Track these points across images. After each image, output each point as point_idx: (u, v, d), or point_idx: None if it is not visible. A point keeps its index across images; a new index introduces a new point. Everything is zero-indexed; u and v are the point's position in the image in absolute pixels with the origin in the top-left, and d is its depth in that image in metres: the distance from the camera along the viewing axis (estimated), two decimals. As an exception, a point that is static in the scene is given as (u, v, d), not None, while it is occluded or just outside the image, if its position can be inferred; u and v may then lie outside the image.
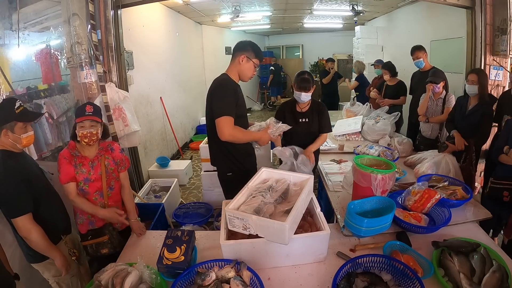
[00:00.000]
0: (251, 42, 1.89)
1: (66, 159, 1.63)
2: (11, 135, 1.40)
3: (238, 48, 1.88)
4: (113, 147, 1.79)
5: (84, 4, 2.55)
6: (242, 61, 1.84)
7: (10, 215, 1.40)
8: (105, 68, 2.79)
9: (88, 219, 1.75)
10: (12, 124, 1.39)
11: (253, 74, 1.92)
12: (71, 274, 1.62)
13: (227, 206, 1.33)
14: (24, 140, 1.44)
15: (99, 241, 1.66)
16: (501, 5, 2.90)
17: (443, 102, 2.80)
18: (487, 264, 1.27)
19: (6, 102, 1.47)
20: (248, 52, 1.84)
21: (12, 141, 1.41)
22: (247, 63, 1.86)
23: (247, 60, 1.85)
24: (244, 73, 1.89)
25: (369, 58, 5.78)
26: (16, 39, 1.98)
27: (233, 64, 1.89)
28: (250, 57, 1.85)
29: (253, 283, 1.21)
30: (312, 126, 2.37)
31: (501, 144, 1.99)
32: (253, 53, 1.85)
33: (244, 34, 9.10)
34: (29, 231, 1.41)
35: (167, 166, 4.16)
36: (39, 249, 1.47)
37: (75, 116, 1.64)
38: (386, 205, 1.55)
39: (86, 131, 1.60)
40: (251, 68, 1.88)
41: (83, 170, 1.66)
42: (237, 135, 1.78)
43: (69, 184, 1.63)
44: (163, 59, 4.87)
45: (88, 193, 1.69)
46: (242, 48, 1.86)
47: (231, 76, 1.88)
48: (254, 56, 1.86)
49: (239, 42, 1.92)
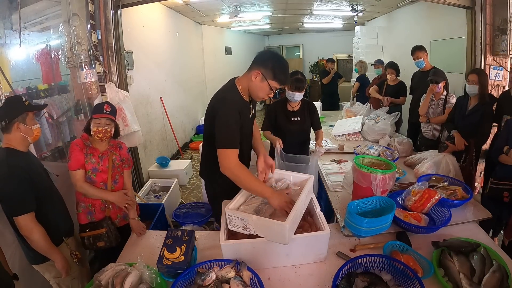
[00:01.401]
0: (276, 57, 1.48)
1: (78, 146, 1.73)
2: (22, 127, 1.45)
3: (257, 60, 1.49)
4: (122, 145, 1.91)
5: (84, 4, 2.55)
6: (255, 78, 1.47)
7: (12, 213, 1.40)
8: (105, 68, 2.79)
9: (88, 208, 1.79)
10: (24, 115, 1.45)
11: (267, 96, 1.53)
12: (71, 276, 1.63)
13: (227, 206, 1.33)
14: (35, 132, 1.51)
15: (96, 233, 1.73)
16: (501, 5, 2.90)
17: (444, 102, 2.80)
18: (487, 264, 1.27)
19: (13, 98, 1.56)
20: (265, 70, 1.45)
21: (23, 134, 1.46)
22: (261, 82, 1.47)
23: (261, 79, 1.46)
24: (254, 92, 1.53)
25: (369, 58, 5.77)
26: (17, 39, 1.98)
27: (247, 76, 1.52)
28: (266, 76, 1.45)
29: (253, 283, 1.21)
30: (304, 124, 2.48)
31: (501, 144, 1.99)
32: (271, 72, 1.45)
33: (244, 34, 9.10)
34: (31, 230, 1.41)
35: (167, 166, 4.17)
36: (40, 249, 1.47)
37: (93, 112, 1.76)
38: (386, 205, 1.55)
39: (101, 127, 1.72)
40: (265, 89, 1.49)
41: (92, 160, 1.76)
42: (239, 175, 1.42)
43: (78, 171, 1.72)
44: (163, 59, 4.87)
45: (94, 181, 1.77)
46: (261, 62, 1.47)
47: (240, 89, 1.54)
48: (272, 77, 1.45)
49: (263, 52, 1.59)
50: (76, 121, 2.50)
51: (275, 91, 1.53)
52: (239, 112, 1.48)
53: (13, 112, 1.44)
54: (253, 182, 1.42)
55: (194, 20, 6.32)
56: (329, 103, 5.68)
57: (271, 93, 1.52)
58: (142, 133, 3.04)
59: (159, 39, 4.75)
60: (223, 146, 1.43)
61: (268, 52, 1.54)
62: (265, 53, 1.55)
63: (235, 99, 1.52)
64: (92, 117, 1.74)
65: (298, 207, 1.31)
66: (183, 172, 4.11)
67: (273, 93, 1.53)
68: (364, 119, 3.40)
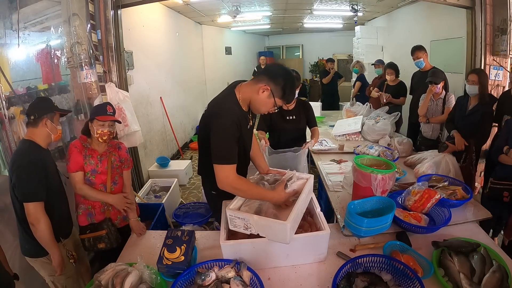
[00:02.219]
0: (289, 76, 1.39)
1: (77, 148, 1.72)
2: (49, 124, 1.55)
3: (268, 74, 1.39)
4: (120, 146, 1.90)
5: (84, 4, 2.55)
6: (262, 92, 1.38)
7: (24, 199, 1.44)
8: (105, 68, 2.79)
9: (87, 210, 1.78)
10: (53, 114, 1.57)
11: (269, 111, 1.48)
12: (66, 275, 1.63)
13: (228, 206, 1.33)
14: (58, 131, 1.61)
15: (97, 235, 1.73)
16: (501, 5, 2.90)
17: (443, 102, 2.81)
18: (487, 264, 1.27)
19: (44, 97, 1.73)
20: (275, 87, 1.37)
21: (49, 130, 1.55)
22: (268, 98, 1.39)
23: (269, 95, 1.38)
24: (256, 106, 1.45)
25: (369, 58, 5.78)
26: (16, 39, 1.98)
27: (252, 87, 1.41)
28: (275, 94, 1.38)
29: (253, 283, 1.21)
30: (300, 122, 2.49)
31: (501, 144, 1.99)
32: (281, 91, 1.38)
33: (244, 34, 9.10)
34: (39, 219, 1.44)
35: (167, 166, 4.16)
36: (42, 240, 1.48)
37: (96, 114, 1.72)
38: (386, 205, 1.55)
39: (106, 129, 1.72)
40: (269, 105, 1.42)
41: (91, 161, 1.74)
42: (240, 189, 1.37)
43: (77, 173, 1.71)
44: (163, 59, 4.87)
45: (94, 183, 1.76)
46: (273, 77, 1.38)
47: (240, 98, 1.44)
48: (281, 96, 1.39)
49: (277, 67, 1.44)
50: (76, 121, 2.50)
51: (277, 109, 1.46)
52: (237, 124, 1.38)
53: (44, 109, 1.55)
54: (254, 191, 1.40)
55: (194, 20, 6.32)
56: (329, 103, 5.67)
57: (274, 110, 1.46)
58: (142, 133, 3.03)
59: (159, 39, 4.75)
60: (220, 162, 1.34)
61: (281, 69, 1.42)
62: (278, 69, 1.42)
63: (234, 110, 1.40)
64: (96, 118, 1.70)
65: (299, 207, 1.31)
66: (183, 172, 4.11)
67: (275, 110, 1.46)
68: (364, 119, 3.40)
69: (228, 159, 1.35)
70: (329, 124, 3.95)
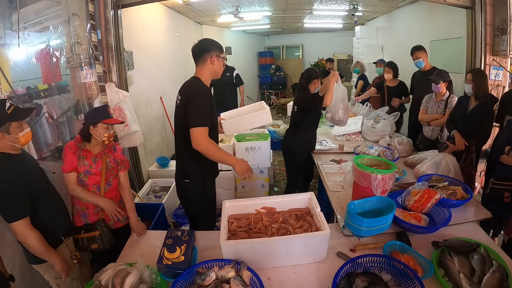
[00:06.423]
0: (212, 40, 1.84)
1: (71, 149, 1.72)
2: (8, 137, 1.37)
3: (204, 50, 1.79)
4: (116, 147, 1.88)
5: (84, 4, 2.55)
6: (214, 61, 1.79)
7: (7, 220, 1.38)
8: (105, 68, 2.79)
9: (82, 211, 1.78)
10: (7, 125, 1.36)
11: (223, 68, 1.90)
12: (71, 277, 1.62)
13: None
14: (22, 139, 1.41)
15: (90, 236, 1.72)
16: (501, 5, 2.90)
17: (445, 104, 2.79)
18: (487, 264, 1.27)
19: None
20: (215, 51, 1.79)
21: (10, 142, 1.38)
22: (218, 61, 1.81)
23: (217, 58, 1.80)
24: (217, 72, 1.85)
25: (369, 58, 5.78)
26: (16, 39, 1.98)
27: (204, 66, 1.80)
28: (219, 54, 1.81)
29: (253, 283, 1.21)
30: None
31: (503, 145, 1.98)
32: (218, 50, 1.81)
33: (244, 34, 9.10)
34: (26, 236, 1.39)
35: (167, 166, 4.15)
36: (37, 254, 1.46)
37: (102, 118, 1.69)
38: (386, 205, 1.54)
39: (112, 131, 1.75)
40: (221, 64, 1.85)
41: (85, 162, 1.74)
42: (211, 149, 1.70)
43: (70, 173, 1.70)
44: (163, 59, 4.86)
45: (86, 184, 1.75)
46: (208, 48, 1.79)
47: (204, 81, 1.81)
48: (221, 52, 1.82)
49: (200, 43, 1.83)
50: (76, 121, 2.50)
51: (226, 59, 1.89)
52: (209, 99, 1.75)
53: None
54: (221, 153, 1.77)
55: (194, 20, 6.32)
56: (329, 103, 5.66)
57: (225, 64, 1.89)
58: (142, 133, 3.04)
59: (159, 39, 4.75)
60: (197, 124, 1.65)
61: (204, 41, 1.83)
62: (202, 42, 1.82)
63: (205, 89, 1.78)
64: (102, 122, 1.68)
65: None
66: (183, 172, 4.09)
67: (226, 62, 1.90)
68: (364, 119, 3.40)
69: (204, 122, 1.67)
70: (329, 124, 3.94)
